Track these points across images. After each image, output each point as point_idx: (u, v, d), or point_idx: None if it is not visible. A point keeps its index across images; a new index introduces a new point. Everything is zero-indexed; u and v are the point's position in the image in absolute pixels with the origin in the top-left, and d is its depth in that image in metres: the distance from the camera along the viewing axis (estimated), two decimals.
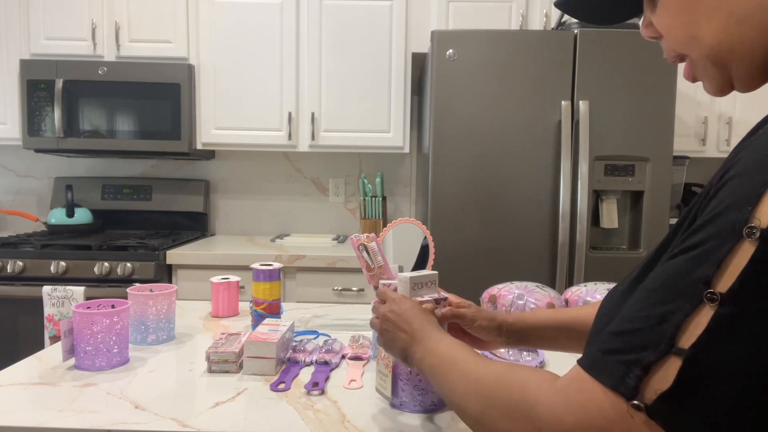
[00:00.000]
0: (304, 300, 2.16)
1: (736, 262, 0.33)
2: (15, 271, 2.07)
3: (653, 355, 0.35)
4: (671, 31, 0.49)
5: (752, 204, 0.33)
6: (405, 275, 0.80)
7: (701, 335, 0.34)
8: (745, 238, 0.33)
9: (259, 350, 0.95)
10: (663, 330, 0.35)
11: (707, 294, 0.34)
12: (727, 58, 0.45)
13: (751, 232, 0.33)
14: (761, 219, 0.32)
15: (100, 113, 2.31)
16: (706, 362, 0.33)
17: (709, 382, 0.33)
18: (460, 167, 1.98)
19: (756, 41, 0.43)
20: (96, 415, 0.78)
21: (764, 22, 0.42)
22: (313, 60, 2.38)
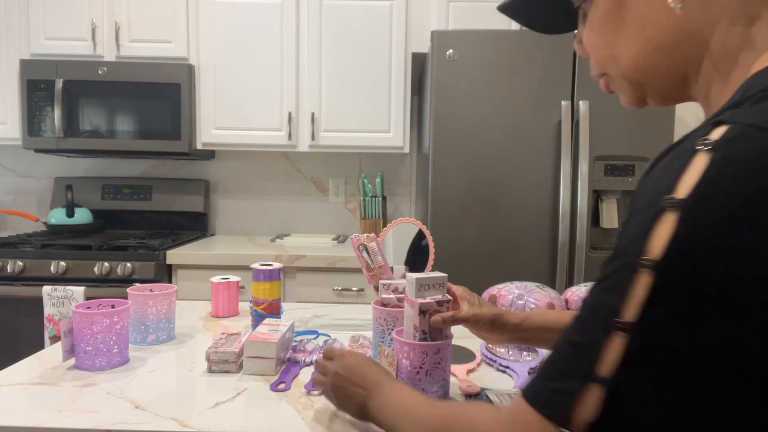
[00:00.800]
0: (304, 300, 2.16)
1: (637, 292, 0.35)
2: (15, 271, 2.07)
3: (577, 384, 0.37)
4: (595, 49, 0.52)
5: (644, 238, 0.35)
6: (411, 276, 0.80)
7: (616, 364, 0.36)
8: (642, 271, 0.35)
9: (259, 350, 0.95)
10: (584, 359, 0.37)
11: (617, 324, 0.36)
12: (642, 78, 0.49)
13: (645, 264, 0.35)
14: (652, 252, 0.35)
15: (100, 113, 2.31)
16: (624, 391, 0.35)
17: (630, 410, 0.35)
18: (460, 167, 1.98)
19: (670, 67, 0.47)
20: (96, 415, 0.78)
21: (680, 52, 0.45)
22: (313, 60, 2.38)
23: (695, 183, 0.34)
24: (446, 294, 0.83)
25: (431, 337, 0.80)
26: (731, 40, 0.43)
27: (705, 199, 0.34)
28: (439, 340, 0.80)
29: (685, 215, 0.34)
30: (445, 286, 0.83)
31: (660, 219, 0.35)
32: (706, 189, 0.34)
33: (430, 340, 0.80)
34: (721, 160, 0.34)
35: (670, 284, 0.34)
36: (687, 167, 0.35)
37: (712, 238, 0.33)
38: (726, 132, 0.35)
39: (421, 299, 0.79)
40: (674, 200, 0.35)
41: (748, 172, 0.33)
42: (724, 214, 0.33)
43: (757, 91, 0.37)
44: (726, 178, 0.33)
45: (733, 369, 0.33)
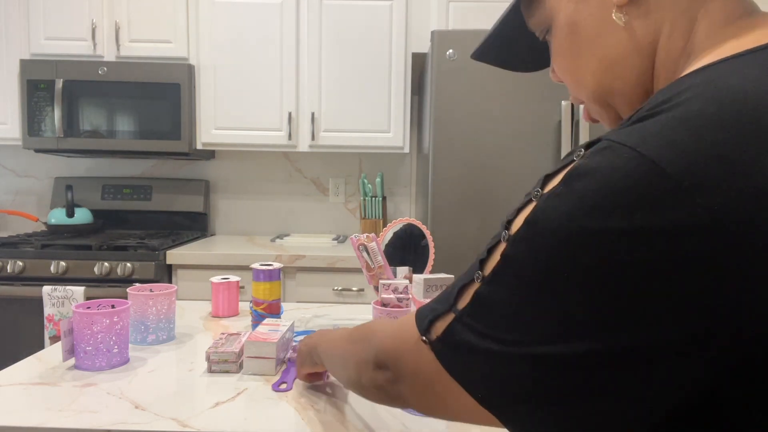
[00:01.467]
0: (304, 300, 2.16)
1: (495, 255, 0.42)
2: (15, 271, 2.07)
3: (442, 307, 0.45)
4: (564, 76, 0.54)
5: (512, 216, 0.42)
6: (419, 277, 0.80)
7: (466, 303, 0.43)
8: (501, 242, 0.42)
9: (259, 350, 0.95)
10: (452, 293, 0.45)
11: (477, 274, 0.43)
12: (608, 98, 0.51)
13: (504, 236, 0.41)
14: (512, 228, 0.41)
15: (100, 113, 2.31)
16: (464, 324, 0.43)
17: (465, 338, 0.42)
18: (460, 167, 1.98)
19: (628, 83, 0.48)
20: (96, 415, 0.78)
21: (633, 65, 0.47)
22: (313, 60, 2.38)
23: (558, 181, 0.39)
24: None
25: None
26: (674, 48, 0.44)
27: (556, 195, 0.38)
28: None
29: (538, 205, 0.39)
30: None
31: (526, 206, 0.41)
32: (561, 188, 0.38)
33: None
34: (583, 165, 0.37)
35: (512, 256, 0.40)
36: (562, 170, 0.40)
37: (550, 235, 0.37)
38: (599, 145, 0.38)
39: (427, 300, 0.79)
40: (540, 193, 0.40)
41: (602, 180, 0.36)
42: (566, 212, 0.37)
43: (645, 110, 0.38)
44: (580, 180, 0.37)
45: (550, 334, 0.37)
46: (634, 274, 0.34)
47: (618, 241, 0.34)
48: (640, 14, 0.45)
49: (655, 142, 0.35)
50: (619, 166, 0.35)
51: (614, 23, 0.46)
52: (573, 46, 0.50)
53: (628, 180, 0.35)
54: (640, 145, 0.35)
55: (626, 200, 0.34)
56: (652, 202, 0.34)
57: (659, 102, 0.38)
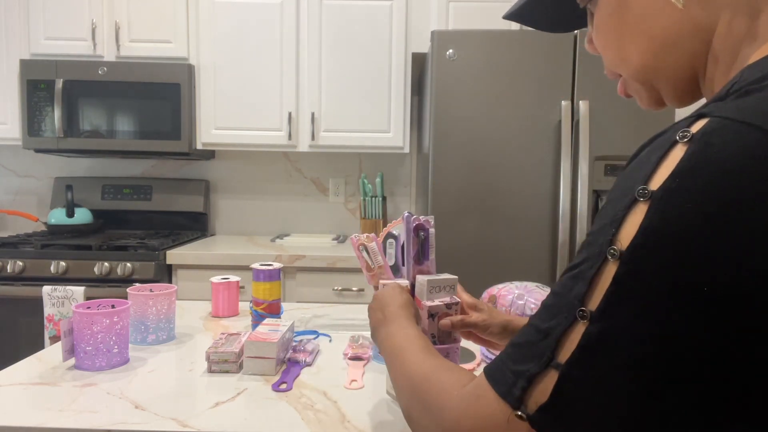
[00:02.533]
0: (304, 300, 2.16)
1: (603, 281, 0.35)
2: (15, 271, 2.07)
3: (536, 367, 0.37)
4: (604, 51, 0.51)
5: (615, 227, 0.35)
6: (422, 278, 0.80)
7: (574, 351, 0.36)
8: (609, 259, 0.35)
9: (259, 350, 0.95)
10: (546, 344, 0.37)
11: (580, 311, 0.36)
12: (652, 78, 0.48)
13: (613, 253, 0.35)
14: (622, 242, 0.34)
15: (100, 113, 2.31)
16: (578, 377, 0.35)
17: (581, 396, 0.35)
18: (460, 167, 1.98)
19: (678, 64, 0.45)
20: (96, 415, 0.78)
21: (686, 47, 0.44)
22: (313, 60, 2.38)
23: (670, 174, 0.34)
24: (455, 296, 0.82)
25: (440, 341, 0.79)
26: (734, 33, 0.42)
27: (676, 192, 0.33)
28: (447, 344, 0.79)
29: (655, 207, 0.33)
30: (455, 288, 0.82)
31: (632, 209, 0.35)
32: (678, 182, 0.33)
33: (438, 344, 0.79)
34: (697, 153, 0.33)
35: (634, 276, 0.34)
36: (664, 158, 0.35)
37: (680, 234, 0.32)
38: (705, 125, 0.34)
39: (431, 302, 0.79)
40: (647, 191, 0.34)
41: (725, 171, 0.32)
42: (696, 211, 0.32)
43: (743, 84, 0.36)
44: (700, 173, 0.32)
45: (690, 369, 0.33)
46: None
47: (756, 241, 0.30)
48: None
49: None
50: (749, 148, 0.31)
51: (671, 4, 0.43)
52: (620, 23, 0.48)
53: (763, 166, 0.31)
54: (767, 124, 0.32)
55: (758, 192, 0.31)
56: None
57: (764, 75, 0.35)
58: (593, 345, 0.35)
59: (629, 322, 0.34)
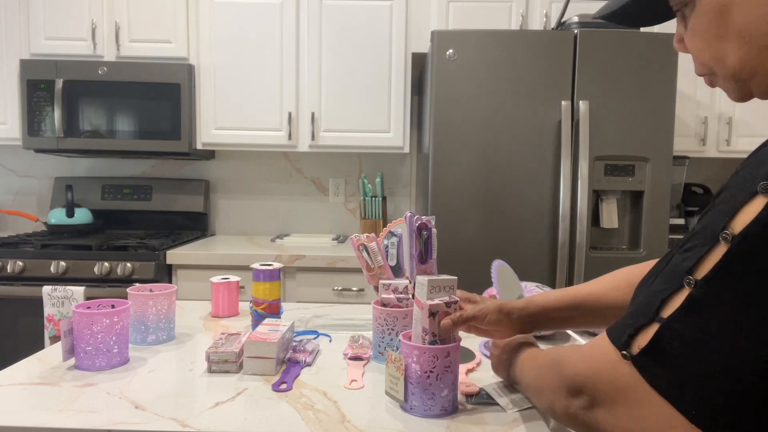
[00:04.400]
0: (304, 300, 2.16)
1: (712, 258, 0.40)
2: (15, 271, 2.07)
3: (643, 320, 0.44)
4: (700, 52, 0.54)
5: (731, 216, 0.40)
6: (424, 278, 0.80)
7: (676, 309, 0.42)
8: (720, 242, 0.40)
9: (259, 350, 0.95)
10: (654, 303, 0.44)
11: (686, 279, 0.42)
12: (749, 77, 0.51)
13: (726, 237, 0.39)
14: (735, 228, 0.39)
15: (100, 113, 2.31)
16: (675, 330, 0.41)
17: (676, 346, 0.41)
18: (460, 167, 1.98)
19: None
20: (96, 415, 0.78)
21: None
22: (313, 60, 2.38)
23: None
24: (453, 296, 0.82)
25: (440, 340, 0.79)
26: None
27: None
28: (448, 343, 0.80)
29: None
30: (454, 289, 0.82)
31: (750, 201, 0.39)
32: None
33: (439, 343, 0.79)
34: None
35: (742, 257, 0.38)
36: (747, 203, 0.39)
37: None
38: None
39: (430, 301, 0.79)
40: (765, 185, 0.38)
41: None
42: None
43: None
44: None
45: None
46: None
47: None
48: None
49: None
50: None
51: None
52: (720, 28, 0.50)
53: None
54: None
55: None
56: None
57: None
58: (694, 306, 0.40)
59: (730, 294, 0.39)
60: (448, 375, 0.79)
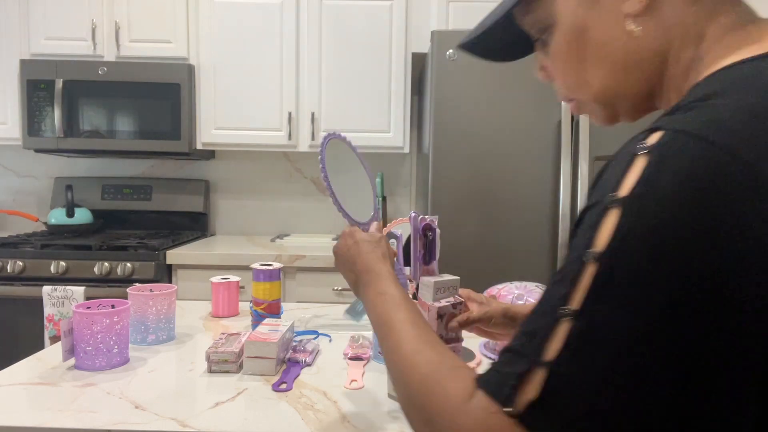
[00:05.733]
0: (304, 300, 2.16)
1: (583, 282, 0.38)
2: (15, 271, 2.07)
3: (524, 366, 0.39)
4: (564, 77, 0.55)
5: (592, 233, 0.38)
6: (430, 279, 0.80)
7: (560, 348, 0.38)
8: (587, 263, 0.38)
9: (259, 350, 0.95)
10: (534, 344, 0.39)
11: (563, 310, 0.38)
12: (612, 99, 0.52)
13: (590, 257, 0.38)
14: (598, 245, 0.37)
15: (100, 113, 2.31)
16: (564, 374, 0.37)
17: (568, 392, 0.37)
18: (460, 167, 1.98)
19: (637, 85, 0.50)
20: (96, 415, 0.78)
21: (644, 70, 0.49)
22: (313, 60, 2.38)
23: (635, 182, 0.37)
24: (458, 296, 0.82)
25: (446, 340, 0.80)
26: (684, 57, 0.47)
27: (644, 196, 0.37)
28: (452, 343, 0.80)
29: (625, 211, 0.37)
30: (457, 288, 0.82)
31: (605, 215, 0.38)
32: (645, 188, 0.37)
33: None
34: (657, 162, 0.37)
35: (611, 275, 0.37)
36: (628, 169, 0.38)
37: (650, 233, 0.36)
38: (660, 138, 0.38)
39: (438, 303, 0.79)
40: (617, 198, 0.38)
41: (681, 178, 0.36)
42: (665, 212, 0.36)
43: (689, 101, 0.40)
44: (664, 178, 0.36)
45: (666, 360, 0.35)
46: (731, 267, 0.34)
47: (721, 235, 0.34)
48: (652, 25, 0.47)
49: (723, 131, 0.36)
50: (697, 158, 0.36)
51: (627, 31, 0.47)
52: (580, 50, 0.51)
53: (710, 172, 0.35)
54: (711, 135, 0.36)
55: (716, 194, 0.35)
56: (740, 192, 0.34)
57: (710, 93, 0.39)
58: (577, 341, 0.37)
59: (608, 317, 0.36)
60: None
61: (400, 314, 0.59)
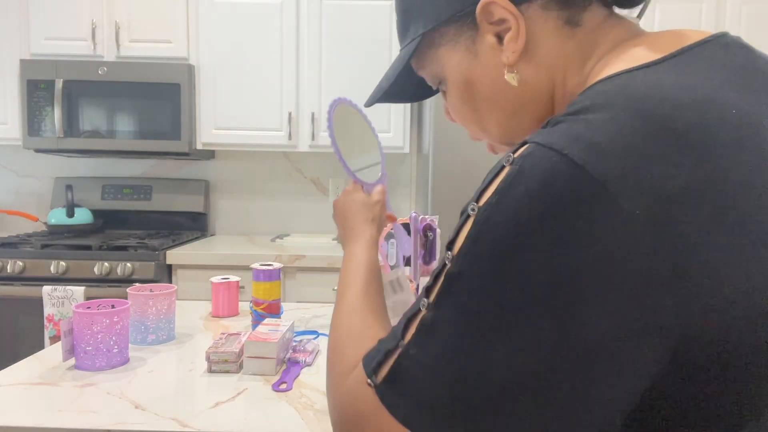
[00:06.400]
0: (304, 300, 2.16)
1: (441, 279, 0.41)
2: (15, 271, 2.07)
3: (391, 345, 0.43)
4: (465, 123, 0.57)
5: (454, 235, 0.42)
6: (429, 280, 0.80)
7: (413, 334, 0.41)
8: (447, 264, 0.41)
9: (259, 350, 0.95)
10: (400, 327, 0.43)
11: (423, 300, 0.42)
12: (513, 138, 0.55)
13: (448, 257, 0.41)
14: (454, 248, 0.41)
15: (100, 113, 2.31)
16: (411, 356, 0.41)
17: (412, 372, 0.40)
18: (460, 167, 1.98)
19: (531, 123, 0.52)
20: (96, 415, 0.78)
21: (533, 109, 0.51)
22: (313, 60, 2.38)
23: (492, 192, 0.39)
24: None
25: None
26: (569, 85, 0.49)
27: (494, 206, 0.38)
28: None
29: (477, 219, 0.39)
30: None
31: (466, 222, 0.41)
32: (497, 198, 0.38)
33: None
34: (513, 173, 0.38)
35: (458, 276, 0.39)
36: (494, 179, 0.40)
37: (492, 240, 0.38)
38: (524, 150, 0.39)
39: None
40: (475, 206, 0.40)
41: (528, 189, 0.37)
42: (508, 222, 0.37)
43: (559, 116, 0.41)
44: (512, 190, 0.38)
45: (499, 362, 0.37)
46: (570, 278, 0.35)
47: (555, 247, 0.35)
48: (531, 68, 0.49)
49: (579, 145, 0.36)
50: (548, 170, 0.36)
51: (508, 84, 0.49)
52: (471, 101, 0.53)
53: (556, 185, 0.36)
54: (566, 148, 0.37)
55: (557, 206, 0.35)
56: (581, 206, 0.35)
57: (579, 108, 0.40)
58: (424, 329, 0.41)
59: (450, 312, 0.39)
60: None
61: (357, 277, 0.64)
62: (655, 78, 0.40)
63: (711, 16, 2.30)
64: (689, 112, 0.37)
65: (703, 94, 0.39)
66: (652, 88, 0.39)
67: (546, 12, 0.47)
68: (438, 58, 0.54)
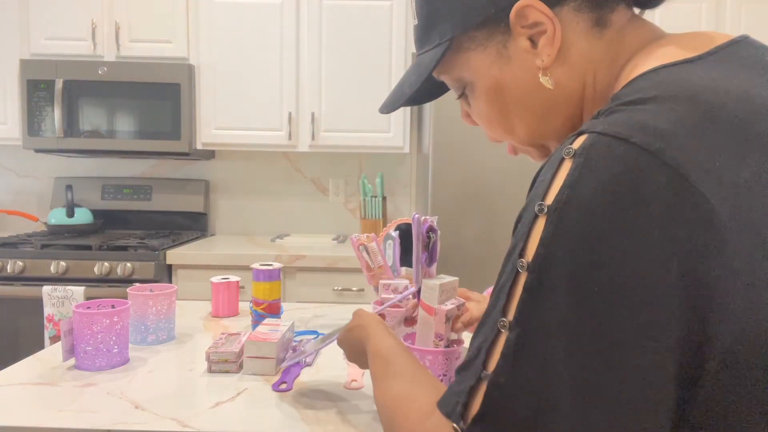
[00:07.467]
0: (304, 300, 2.16)
1: (517, 292, 0.38)
2: (15, 271, 2.07)
3: (472, 381, 0.40)
4: (490, 129, 0.57)
5: (523, 243, 0.39)
6: (434, 282, 0.80)
7: (498, 360, 0.38)
8: (520, 272, 0.38)
9: (259, 350, 0.95)
10: (479, 359, 0.40)
11: (500, 322, 0.39)
12: (540, 140, 0.55)
13: (522, 265, 0.38)
14: (528, 254, 0.38)
15: (100, 113, 2.31)
16: (503, 384, 0.38)
17: (507, 403, 0.37)
18: (460, 167, 1.98)
19: (560, 125, 0.52)
20: (96, 415, 0.78)
21: (563, 111, 0.51)
22: (313, 60, 2.38)
23: (560, 187, 0.38)
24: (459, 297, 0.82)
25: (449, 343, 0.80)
26: (600, 85, 0.49)
27: (567, 203, 0.37)
28: (454, 345, 0.80)
29: (550, 219, 0.37)
30: (456, 289, 0.83)
31: (534, 224, 0.39)
32: (568, 194, 0.37)
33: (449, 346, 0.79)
34: (581, 165, 0.37)
35: (539, 283, 0.37)
36: (556, 174, 0.39)
37: (573, 239, 0.36)
38: (584, 141, 0.38)
39: (444, 306, 0.78)
40: (544, 206, 0.38)
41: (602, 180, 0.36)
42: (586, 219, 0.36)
43: (610, 106, 0.40)
44: (584, 183, 0.36)
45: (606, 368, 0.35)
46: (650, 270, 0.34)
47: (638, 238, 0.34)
48: (564, 70, 0.49)
49: (645, 132, 0.36)
50: (618, 159, 0.36)
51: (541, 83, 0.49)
52: (500, 105, 0.53)
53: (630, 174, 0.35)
54: (633, 136, 0.36)
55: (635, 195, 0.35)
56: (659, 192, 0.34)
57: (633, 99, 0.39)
58: (512, 351, 0.37)
59: (539, 324, 0.37)
60: None
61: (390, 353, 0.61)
62: (703, 72, 0.40)
63: (711, 16, 2.30)
64: (746, 104, 0.37)
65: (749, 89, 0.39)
66: (705, 79, 0.39)
67: (578, 14, 0.47)
68: (465, 63, 0.53)
